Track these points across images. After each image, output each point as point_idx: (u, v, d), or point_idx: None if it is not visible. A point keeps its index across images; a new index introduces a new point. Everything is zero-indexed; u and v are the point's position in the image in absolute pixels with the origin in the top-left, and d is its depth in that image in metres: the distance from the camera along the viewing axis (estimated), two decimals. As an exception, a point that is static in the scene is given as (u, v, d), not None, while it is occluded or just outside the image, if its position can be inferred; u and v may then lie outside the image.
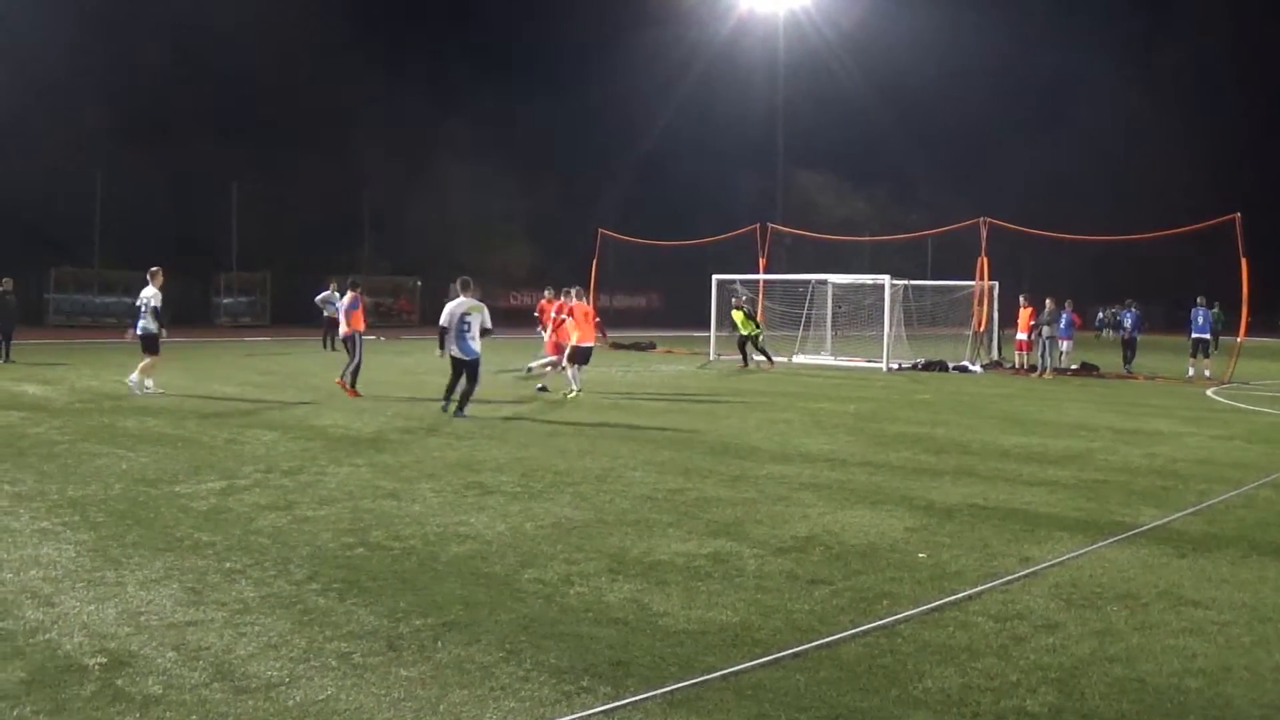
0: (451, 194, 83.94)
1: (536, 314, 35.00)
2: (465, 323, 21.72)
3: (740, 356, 41.27)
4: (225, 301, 74.17)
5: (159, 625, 8.23)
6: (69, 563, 10.00)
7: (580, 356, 27.77)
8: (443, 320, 21.87)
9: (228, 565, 9.99)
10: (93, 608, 8.62)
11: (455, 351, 21.86)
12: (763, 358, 40.97)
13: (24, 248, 62.15)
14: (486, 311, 22.13)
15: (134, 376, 25.48)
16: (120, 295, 69.40)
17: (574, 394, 26.79)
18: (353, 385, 25.68)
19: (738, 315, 40.93)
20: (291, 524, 11.82)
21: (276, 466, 15.55)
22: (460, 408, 21.81)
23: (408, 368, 36.46)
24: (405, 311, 79.57)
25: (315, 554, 10.48)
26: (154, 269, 25.82)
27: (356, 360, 25.81)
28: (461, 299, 21.87)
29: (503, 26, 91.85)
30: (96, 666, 7.35)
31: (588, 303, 29.61)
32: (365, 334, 26.76)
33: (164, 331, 25.42)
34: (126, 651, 7.65)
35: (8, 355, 35.88)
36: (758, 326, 41.63)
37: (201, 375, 31.31)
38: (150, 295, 25.86)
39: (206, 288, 72.78)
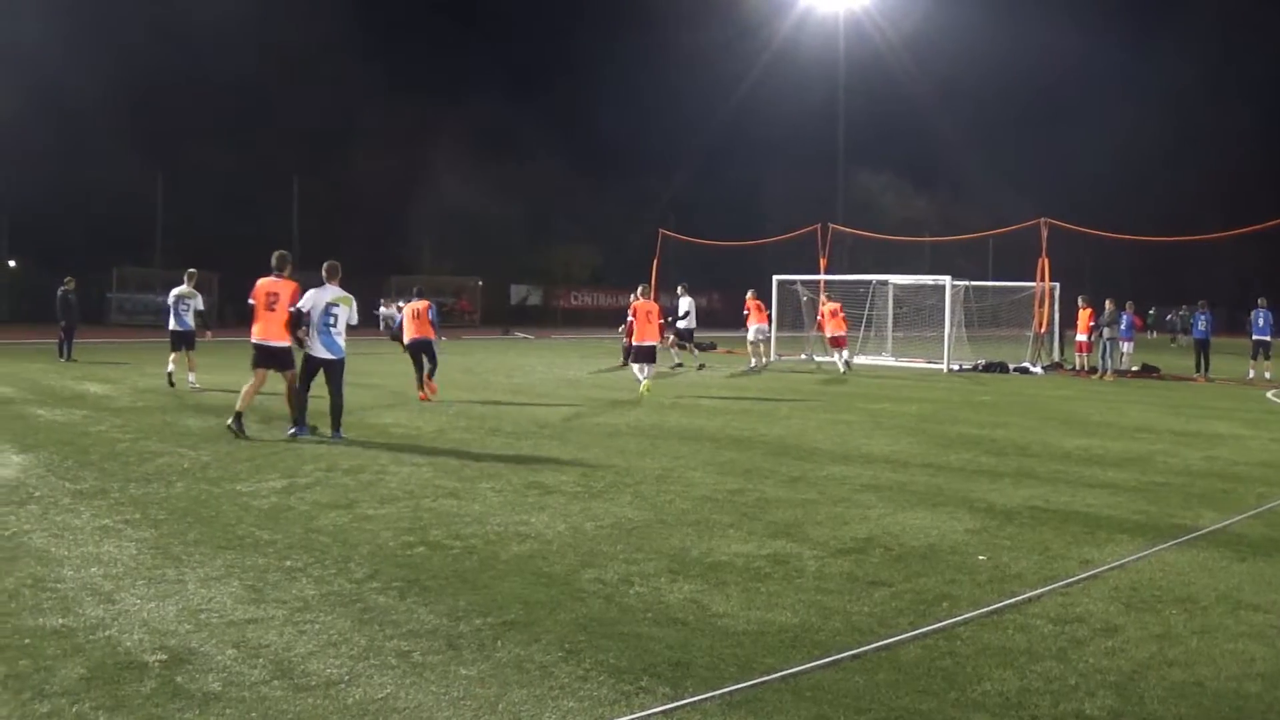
0: (512, 194, 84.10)
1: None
2: (330, 315, 18.62)
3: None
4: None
5: (219, 623, 8.25)
6: (130, 560, 10.05)
7: (643, 355, 28.14)
8: (303, 304, 18.55)
9: (288, 563, 10.03)
10: (153, 605, 8.65)
11: (316, 349, 18.60)
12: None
13: (89, 247, 62.67)
14: (355, 305, 19.11)
15: (191, 376, 25.92)
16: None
17: (644, 389, 27.24)
18: (422, 387, 25.71)
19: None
20: (352, 522, 11.85)
21: (337, 465, 15.63)
22: (336, 427, 18.58)
23: (468, 367, 36.54)
24: (466, 311, 79.78)
25: (376, 552, 10.50)
26: (190, 270, 27.25)
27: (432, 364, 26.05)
28: (327, 287, 18.81)
29: (564, 26, 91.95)
30: (156, 663, 7.37)
31: (651, 301, 29.73)
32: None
33: (208, 333, 25.66)
34: (186, 649, 7.67)
35: (68, 354, 36.15)
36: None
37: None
38: (186, 293, 27.60)
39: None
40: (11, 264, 70.66)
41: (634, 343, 29.06)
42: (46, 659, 7.42)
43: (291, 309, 18.40)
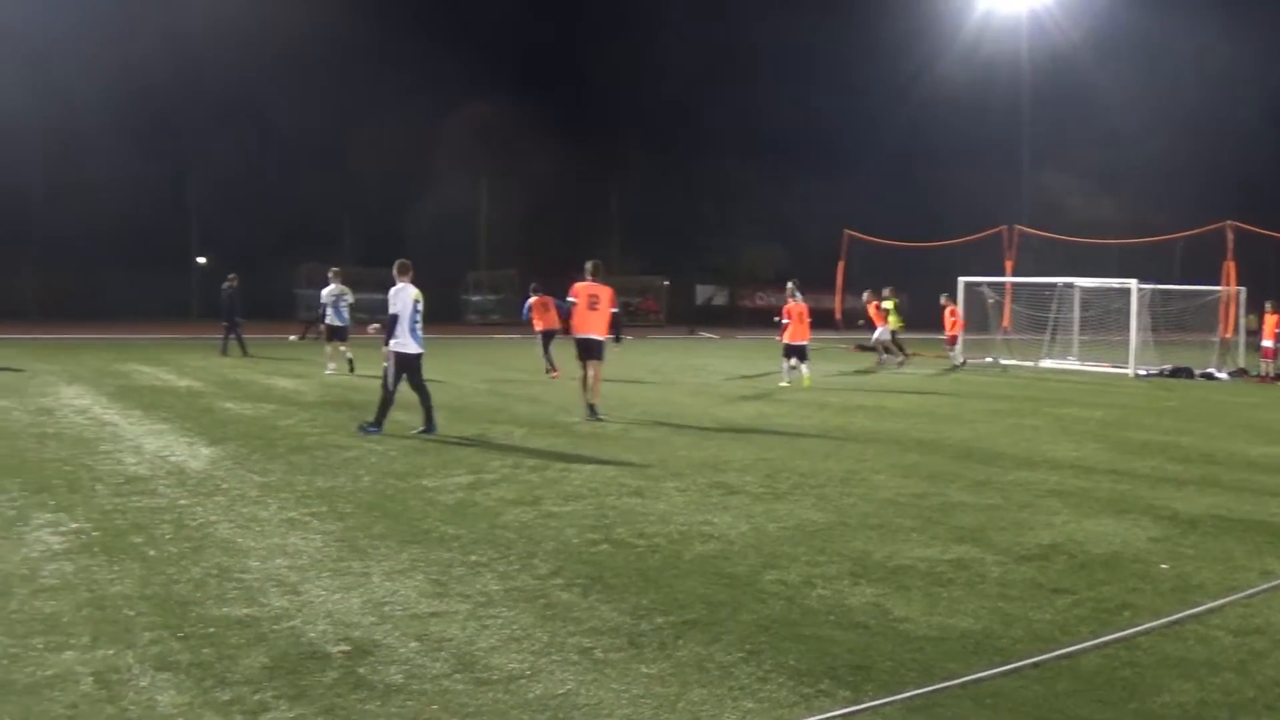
0: (699, 193, 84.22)
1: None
2: (418, 311, 18.65)
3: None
4: (474, 299, 75.29)
5: (403, 615, 8.29)
6: (315, 552, 10.16)
7: (793, 352, 29.91)
8: (395, 306, 18.59)
9: (473, 558, 10.05)
10: (337, 597, 8.72)
11: (410, 345, 18.54)
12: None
13: (280, 245, 63.81)
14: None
15: (332, 366, 26.90)
16: (371, 291, 70.80)
17: (784, 385, 29.43)
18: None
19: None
20: (537, 519, 11.87)
21: (523, 462, 15.66)
22: (430, 422, 18.57)
23: (654, 367, 36.62)
24: (651, 311, 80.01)
25: (560, 549, 10.49)
26: (335, 269, 29.35)
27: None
28: (406, 285, 18.71)
29: (745, 21, 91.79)
30: (339, 654, 7.42)
31: (801, 303, 30.73)
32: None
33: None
34: (370, 640, 7.71)
35: (225, 349, 36.78)
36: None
37: (450, 372, 31.72)
38: (340, 292, 30.72)
39: (455, 286, 73.96)
40: (201, 260, 72.09)
41: (786, 341, 30.19)
42: (230, 648, 7.49)
43: (392, 312, 18.56)
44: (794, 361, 30.28)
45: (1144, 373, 39.68)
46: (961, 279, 46.66)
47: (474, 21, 77.73)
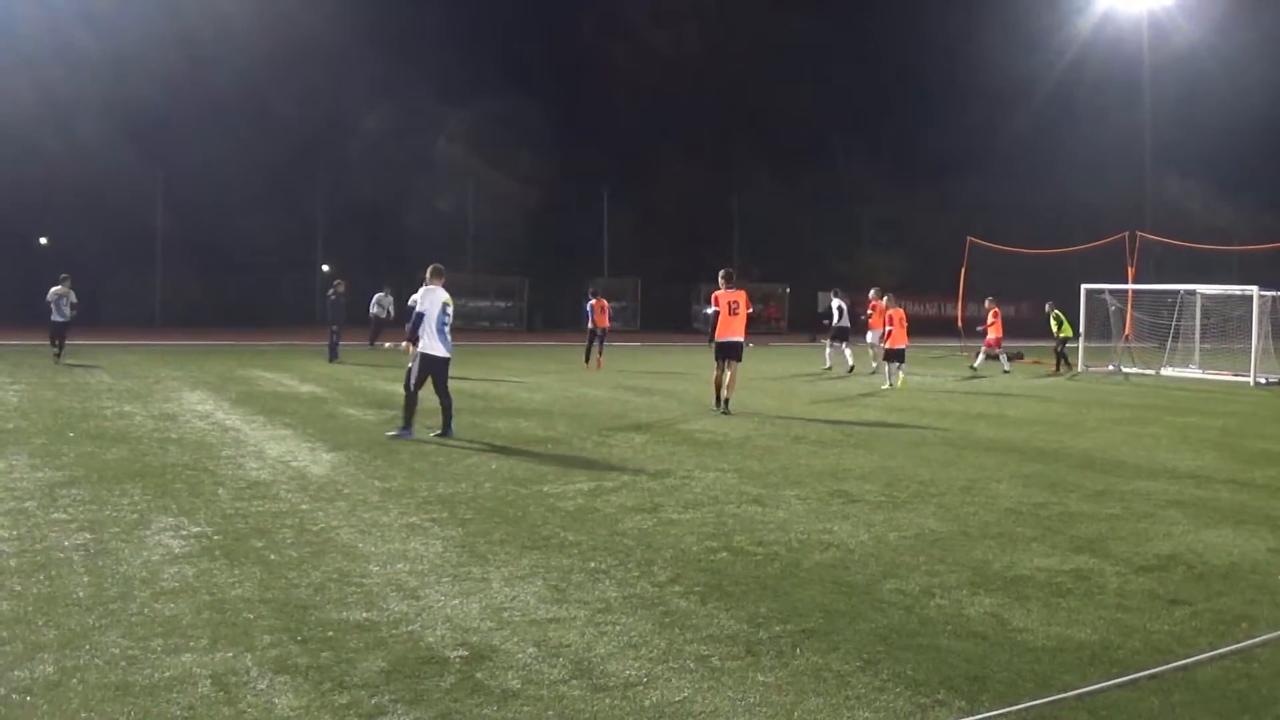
0: (823, 199, 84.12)
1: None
2: (446, 314, 18.80)
3: (1056, 362, 42.24)
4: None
5: (521, 621, 8.31)
6: (435, 557, 10.19)
7: (893, 356, 32.21)
8: (422, 306, 18.90)
9: (592, 565, 10.06)
10: (456, 602, 8.75)
11: (436, 349, 18.69)
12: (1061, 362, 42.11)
13: (403, 250, 64.39)
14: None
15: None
16: (492, 300, 71.57)
17: (887, 387, 31.06)
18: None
19: (1055, 320, 42.30)
20: (656, 526, 11.86)
21: (644, 469, 15.68)
22: (448, 425, 18.85)
23: (775, 374, 36.52)
24: (774, 318, 79.95)
25: (679, 556, 10.47)
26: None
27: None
28: (436, 288, 18.94)
29: (862, 29, 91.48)
30: (457, 659, 7.44)
31: (896, 306, 33.33)
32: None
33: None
34: (488, 646, 7.73)
35: (333, 355, 37.22)
36: (1066, 330, 42.57)
37: (572, 379, 31.85)
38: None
39: (577, 293, 74.35)
40: (325, 269, 72.83)
41: (888, 346, 32.58)
42: (349, 651, 7.54)
43: (418, 311, 18.81)
44: (894, 365, 31.98)
45: (1265, 381, 39.11)
46: (1084, 285, 46.29)
47: (582, 27, 78.16)
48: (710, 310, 24.72)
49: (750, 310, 24.58)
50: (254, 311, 64.21)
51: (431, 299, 18.59)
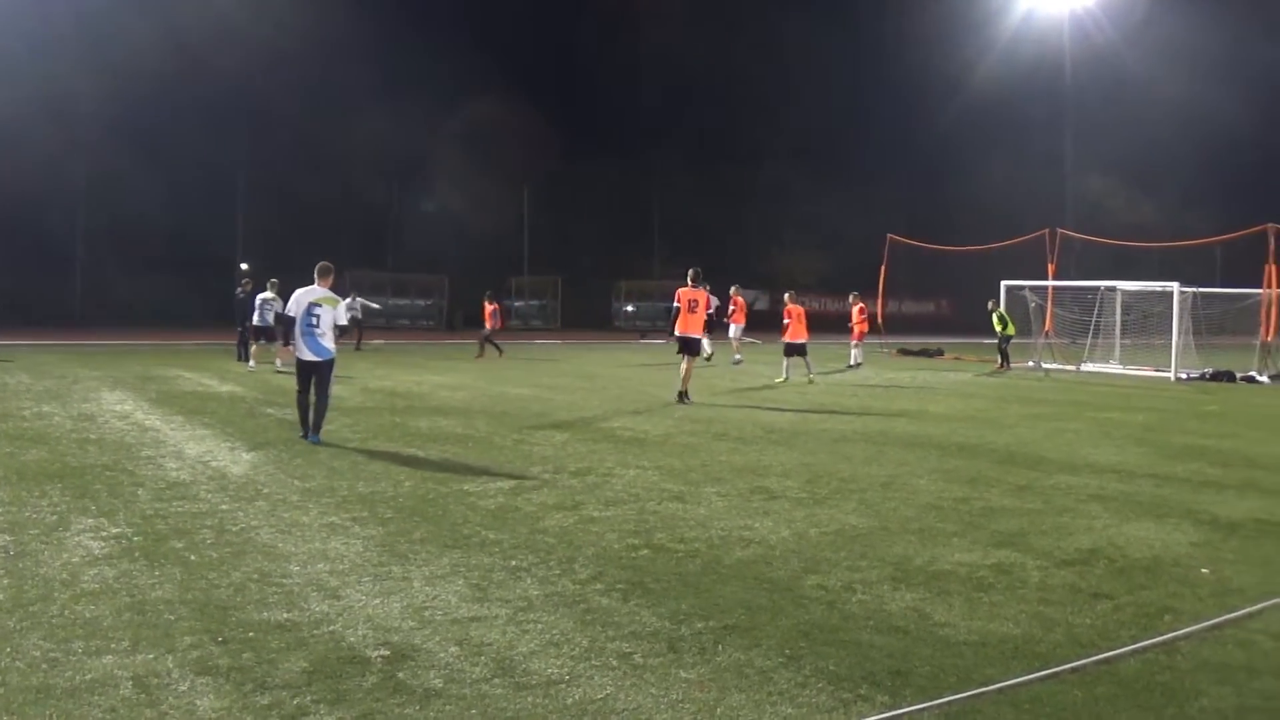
0: (744, 199, 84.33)
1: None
2: (312, 316, 18.13)
3: (1001, 359, 42.11)
4: (516, 305, 75.67)
5: (442, 620, 8.30)
6: (356, 557, 10.16)
7: (793, 350, 32.74)
8: (289, 309, 18.66)
9: (513, 563, 10.05)
10: (378, 601, 8.73)
11: (303, 352, 18.13)
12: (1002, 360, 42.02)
13: (327, 249, 64.18)
14: (342, 306, 18.82)
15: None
16: (413, 298, 71.52)
17: (780, 380, 31.97)
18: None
19: (998, 320, 42.22)
20: (578, 524, 11.87)
21: (565, 467, 15.67)
22: (315, 429, 18.15)
23: (694, 373, 36.55)
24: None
25: (600, 554, 10.49)
26: (273, 280, 32.65)
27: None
28: (313, 288, 18.35)
29: (782, 29, 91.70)
30: (379, 659, 7.42)
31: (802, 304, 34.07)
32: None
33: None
34: (409, 645, 7.72)
35: (242, 354, 37.01)
36: (1010, 328, 42.60)
37: (493, 377, 31.81)
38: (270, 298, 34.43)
39: (498, 292, 74.42)
40: (244, 266, 72.58)
41: (786, 340, 33.04)
42: (270, 652, 7.51)
43: (288, 314, 18.51)
44: (795, 359, 32.59)
45: (1185, 376, 39.53)
46: (1004, 282, 46.63)
47: (504, 24, 78.03)
48: (674, 306, 26.44)
49: (711, 310, 26.21)
50: (175, 310, 63.68)
51: (298, 301, 18.14)
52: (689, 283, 26.28)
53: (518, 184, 78.02)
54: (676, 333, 26.14)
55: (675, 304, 26.33)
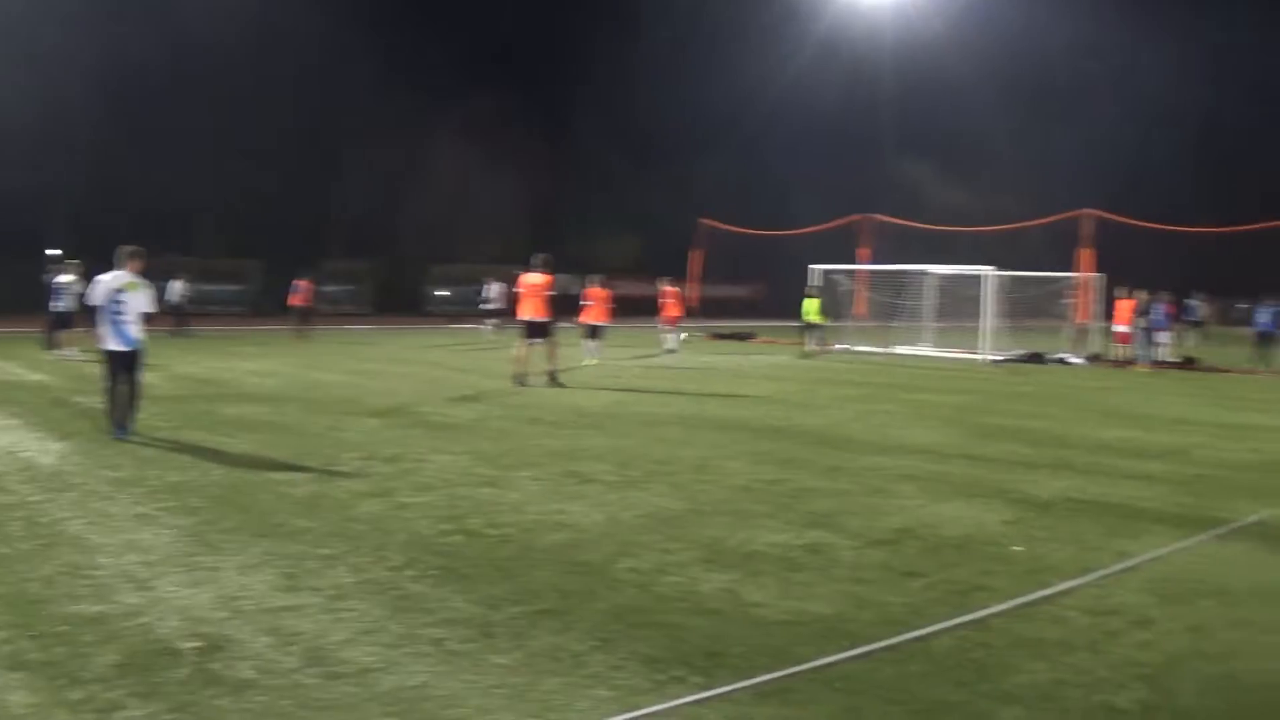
0: (559, 182, 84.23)
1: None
2: (116, 302, 17.13)
3: (808, 343, 42.38)
4: (327, 289, 74.99)
5: (254, 610, 8.28)
6: (166, 547, 10.08)
7: (590, 333, 33.29)
8: (93, 296, 17.64)
9: (324, 551, 10.03)
10: (189, 592, 8.69)
11: (108, 342, 17.13)
12: (816, 346, 42.21)
13: (137, 234, 62.98)
14: (149, 293, 17.67)
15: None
16: (224, 284, 70.58)
17: (587, 363, 32.22)
18: None
19: (811, 304, 42.31)
20: (389, 511, 11.86)
21: (376, 454, 15.61)
22: (123, 425, 17.08)
23: (510, 357, 36.50)
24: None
25: (412, 541, 10.50)
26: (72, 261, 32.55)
27: None
28: (119, 273, 17.37)
29: (601, 13, 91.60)
30: (191, 651, 7.40)
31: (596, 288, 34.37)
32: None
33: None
34: (222, 636, 7.70)
35: (50, 342, 36.44)
36: (823, 317, 42.76)
37: (304, 363, 31.56)
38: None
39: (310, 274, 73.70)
40: (53, 252, 71.06)
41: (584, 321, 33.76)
42: (82, 646, 7.46)
43: (92, 301, 17.60)
44: (592, 341, 32.97)
45: (997, 359, 40.22)
46: (814, 266, 47.03)
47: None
48: (517, 290, 27.30)
49: (550, 293, 26.37)
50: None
51: (103, 287, 17.18)
52: (535, 267, 26.71)
53: (330, 167, 77.14)
54: (517, 317, 26.90)
55: (518, 289, 27.16)
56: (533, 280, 26.48)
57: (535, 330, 26.32)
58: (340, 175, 76.60)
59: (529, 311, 26.27)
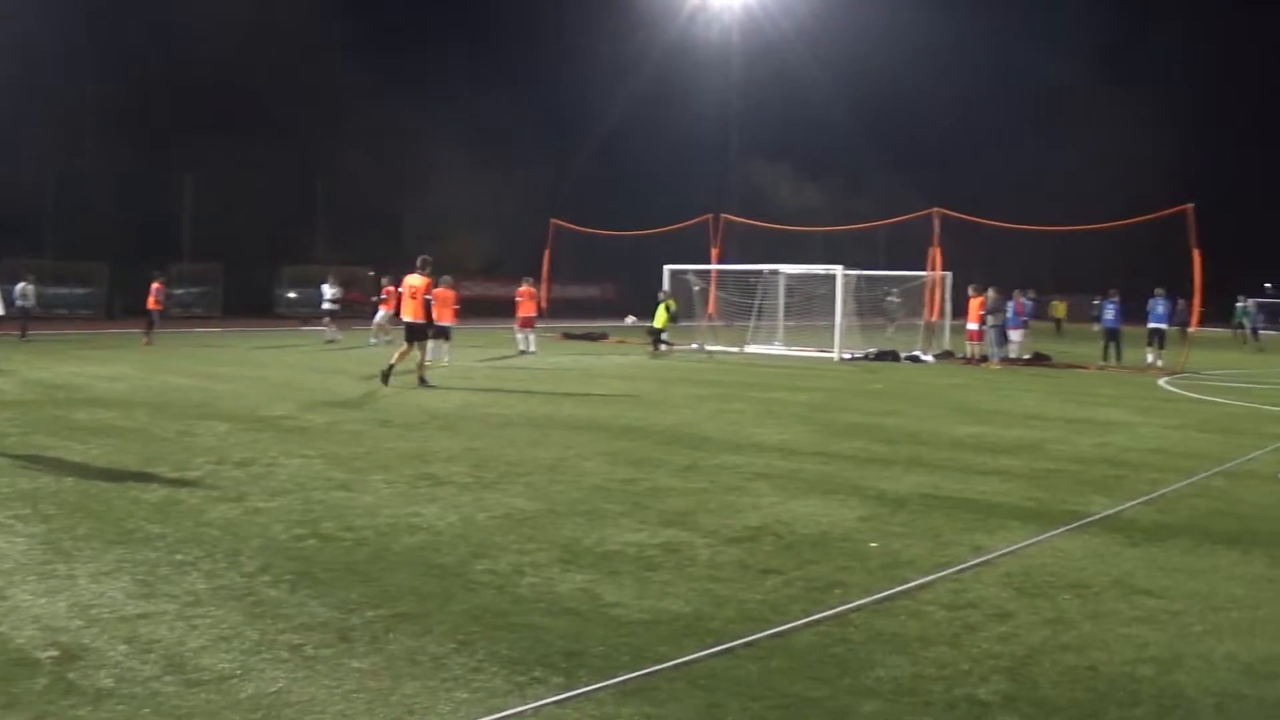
0: (411, 182, 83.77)
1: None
2: None
3: (653, 344, 42.46)
4: (176, 292, 74.08)
5: (110, 618, 8.21)
6: (20, 556, 9.96)
7: (437, 333, 32.18)
8: None
9: (179, 557, 9.95)
10: (44, 601, 8.60)
11: None
12: (664, 346, 42.29)
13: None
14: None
15: None
16: (72, 287, 69.43)
17: (446, 363, 32.81)
18: None
19: (662, 308, 42.54)
20: (243, 516, 11.79)
21: (228, 458, 15.48)
22: None
23: (364, 359, 36.31)
24: (358, 303, 79.45)
25: (267, 545, 10.46)
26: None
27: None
28: None
29: (455, 14, 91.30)
30: (48, 660, 7.33)
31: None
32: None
33: None
34: (78, 645, 7.63)
35: None
36: (671, 320, 42.88)
37: (154, 367, 31.19)
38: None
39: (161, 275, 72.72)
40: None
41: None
42: (-62, 658, 7.36)
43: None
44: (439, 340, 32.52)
45: (849, 357, 40.61)
46: (666, 267, 47.18)
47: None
48: (398, 291, 28.43)
49: (429, 295, 27.00)
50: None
51: None
52: (418, 271, 27.42)
53: (180, 168, 76.18)
54: (402, 317, 27.77)
55: (399, 290, 28.58)
56: (414, 282, 27.09)
57: (415, 332, 26.85)
58: (189, 173, 75.61)
59: (410, 313, 26.86)
